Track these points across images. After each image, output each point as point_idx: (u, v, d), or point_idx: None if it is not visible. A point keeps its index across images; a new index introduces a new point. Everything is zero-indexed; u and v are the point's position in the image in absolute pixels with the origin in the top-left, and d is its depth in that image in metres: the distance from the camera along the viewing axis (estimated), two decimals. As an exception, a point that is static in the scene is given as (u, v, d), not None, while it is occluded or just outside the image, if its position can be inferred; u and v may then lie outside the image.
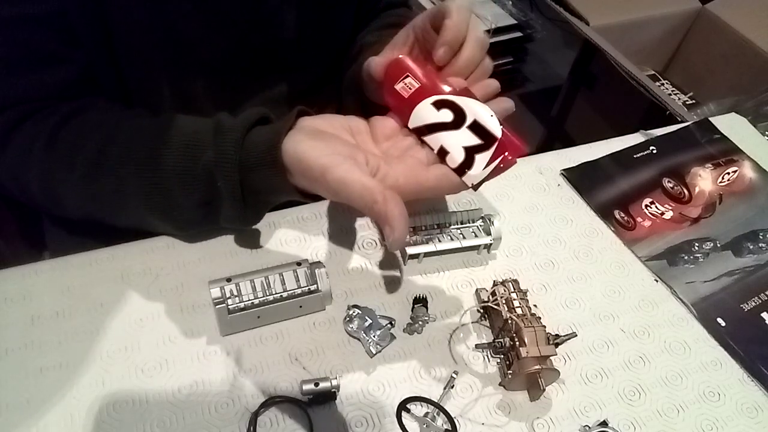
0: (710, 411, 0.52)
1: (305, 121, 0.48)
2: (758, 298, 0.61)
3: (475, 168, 0.43)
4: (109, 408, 0.46)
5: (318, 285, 0.52)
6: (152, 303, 0.53)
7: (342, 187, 0.42)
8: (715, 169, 0.74)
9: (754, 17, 1.56)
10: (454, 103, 0.45)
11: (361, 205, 0.42)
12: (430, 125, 0.45)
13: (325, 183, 0.43)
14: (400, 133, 0.48)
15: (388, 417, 0.48)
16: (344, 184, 0.42)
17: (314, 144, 0.45)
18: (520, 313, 0.51)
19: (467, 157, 0.43)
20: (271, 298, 0.50)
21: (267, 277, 0.51)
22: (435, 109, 0.45)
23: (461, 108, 0.44)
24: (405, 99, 0.46)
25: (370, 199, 0.41)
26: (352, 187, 0.42)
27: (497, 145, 0.43)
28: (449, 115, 0.45)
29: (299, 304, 0.52)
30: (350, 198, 0.42)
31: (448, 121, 0.45)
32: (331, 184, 0.43)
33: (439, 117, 0.45)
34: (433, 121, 0.45)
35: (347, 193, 0.42)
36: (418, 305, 0.54)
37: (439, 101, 0.45)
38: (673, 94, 1.69)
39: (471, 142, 0.44)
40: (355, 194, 0.42)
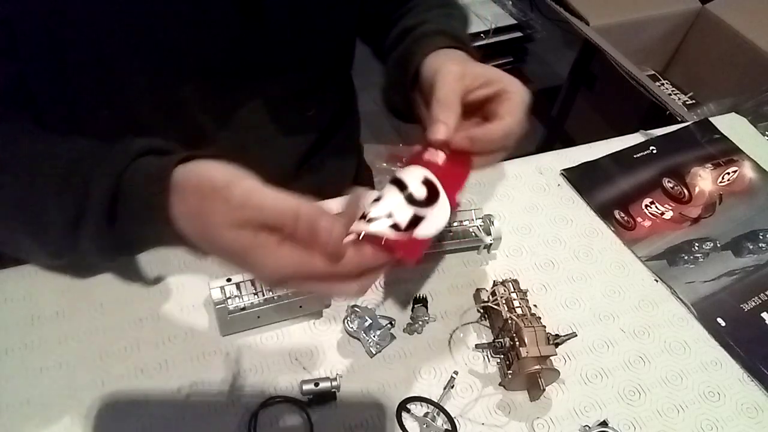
0: (710, 411, 0.52)
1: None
2: (758, 298, 0.61)
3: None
4: (109, 408, 0.46)
5: None
6: (152, 303, 0.53)
7: (250, 195, 0.38)
8: (715, 169, 0.74)
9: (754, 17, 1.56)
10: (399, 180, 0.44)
11: (276, 216, 0.37)
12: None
13: (226, 196, 0.38)
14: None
15: (388, 417, 0.48)
16: (254, 191, 0.38)
17: (220, 162, 0.41)
18: (520, 313, 0.51)
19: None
20: (272, 298, 0.50)
21: None
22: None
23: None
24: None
25: (286, 206, 0.37)
26: (263, 194, 0.38)
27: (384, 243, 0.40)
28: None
29: (299, 304, 0.52)
30: (262, 206, 0.38)
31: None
32: (235, 195, 0.38)
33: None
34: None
35: (258, 201, 0.38)
36: (418, 305, 0.54)
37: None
38: (673, 94, 1.69)
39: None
40: (268, 201, 0.38)
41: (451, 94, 0.49)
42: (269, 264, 0.38)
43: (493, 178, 0.69)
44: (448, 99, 0.49)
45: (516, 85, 0.51)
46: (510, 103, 0.50)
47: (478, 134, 0.48)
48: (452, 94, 0.49)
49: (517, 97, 0.50)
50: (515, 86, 0.51)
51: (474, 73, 0.51)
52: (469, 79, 0.50)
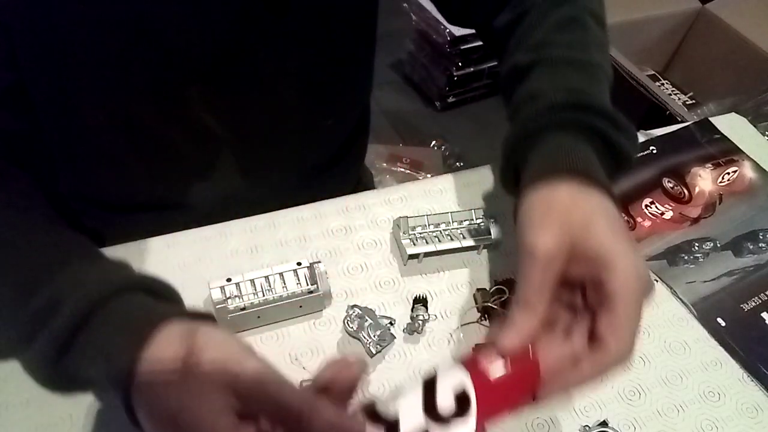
0: (710, 411, 0.52)
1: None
2: (758, 298, 0.61)
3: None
4: (109, 408, 0.46)
5: (318, 285, 0.52)
6: (152, 303, 0.53)
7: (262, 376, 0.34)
8: (715, 169, 0.74)
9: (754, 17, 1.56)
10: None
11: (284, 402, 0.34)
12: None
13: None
14: None
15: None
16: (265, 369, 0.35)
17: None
18: (520, 313, 0.51)
19: None
20: (271, 298, 0.50)
21: (267, 277, 0.51)
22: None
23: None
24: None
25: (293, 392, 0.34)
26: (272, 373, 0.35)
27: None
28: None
29: (299, 304, 0.52)
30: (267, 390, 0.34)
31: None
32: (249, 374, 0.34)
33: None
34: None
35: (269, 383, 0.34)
36: (418, 305, 0.54)
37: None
38: (673, 94, 1.69)
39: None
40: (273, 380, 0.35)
41: (536, 292, 0.39)
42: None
43: (493, 178, 0.69)
44: (530, 297, 0.39)
45: (626, 279, 0.37)
46: (613, 315, 0.37)
47: (563, 379, 0.38)
48: (538, 290, 0.39)
49: (622, 302, 0.37)
50: (624, 282, 0.37)
51: (573, 246, 0.39)
52: (563, 259, 0.39)
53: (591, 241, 0.39)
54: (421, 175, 1.69)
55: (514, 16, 0.58)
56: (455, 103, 2.03)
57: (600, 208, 0.41)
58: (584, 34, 0.54)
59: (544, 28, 0.54)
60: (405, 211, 0.62)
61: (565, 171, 0.42)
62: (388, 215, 0.62)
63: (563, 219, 0.40)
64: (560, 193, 0.41)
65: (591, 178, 0.42)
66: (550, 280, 0.39)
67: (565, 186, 0.41)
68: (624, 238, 0.39)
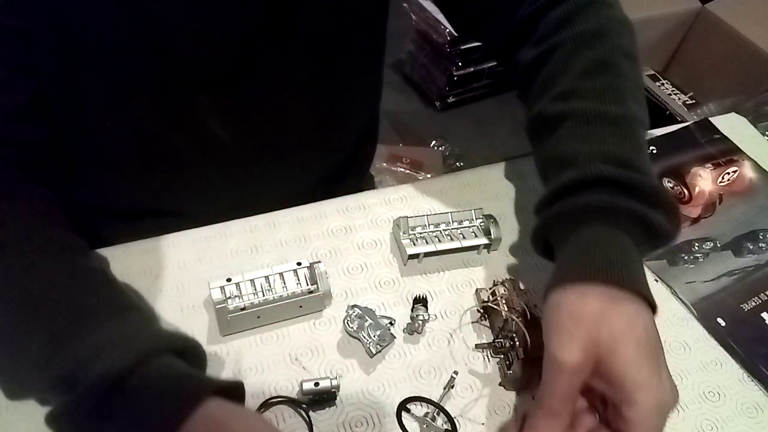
0: (710, 411, 0.52)
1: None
2: (758, 298, 0.61)
3: None
4: (109, 408, 0.46)
5: (318, 285, 0.52)
6: (152, 303, 0.53)
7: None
8: (715, 169, 0.74)
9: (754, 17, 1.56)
10: None
11: None
12: None
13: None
14: None
15: (388, 417, 0.48)
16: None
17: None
18: (520, 313, 0.51)
19: None
20: (271, 298, 0.50)
21: (267, 277, 0.51)
22: None
23: None
24: None
25: None
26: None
27: None
28: None
29: (299, 304, 0.52)
30: None
31: None
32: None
33: None
34: None
35: None
36: (418, 305, 0.54)
37: None
38: (673, 94, 1.69)
39: None
40: None
41: (560, 400, 0.38)
42: None
43: (493, 178, 0.69)
44: (553, 407, 0.38)
45: (645, 415, 0.37)
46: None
47: None
48: (562, 399, 0.38)
49: (641, 423, 0.37)
50: (642, 417, 0.37)
51: (598, 362, 0.38)
52: (589, 371, 0.39)
53: (615, 365, 0.38)
54: (421, 175, 1.69)
55: (538, 53, 0.54)
56: (455, 103, 2.03)
57: (630, 327, 0.39)
58: (617, 80, 0.50)
59: (573, 74, 0.51)
60: (405, 211, 0.62)
61: (597, 273, 0.40)
62: (388, 215, 0.62)
63: (591, 334, 0.38)
64: (591, 301, 0.40)
65: (626, 284, 0.40)
66: (575, 390, 0.38)
67: (596, 293, 0.40)
68: (651, 363, 0.38)
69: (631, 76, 0.51)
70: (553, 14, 0.54)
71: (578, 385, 0.39)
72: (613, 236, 0.43)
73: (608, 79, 0.50)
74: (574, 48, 0.52)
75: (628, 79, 0.51)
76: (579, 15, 0.53)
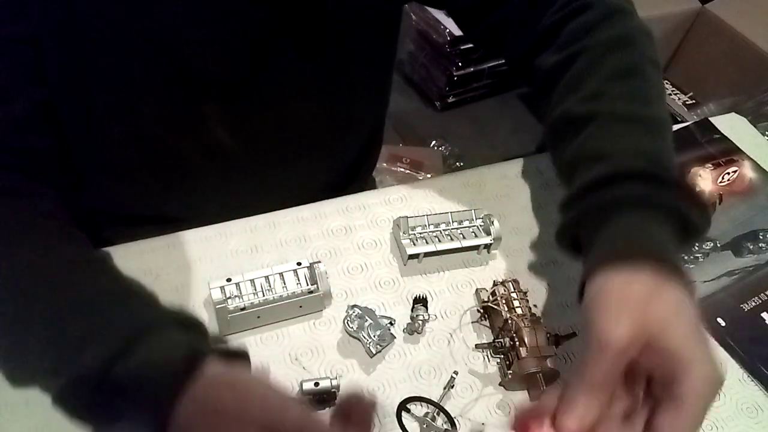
0: (710, 411, 0.51)
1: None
2: (758, 298, 0.61)
3: None
4: (109, 408, 0.46)
5: (318, 285, 0.52)
6: (152, 303, 0.53)
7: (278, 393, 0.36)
8: (715, 169, 0.74)
9: (754, 17, 1.56)
10: None
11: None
12: None
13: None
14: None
15: (388, 417, 0.48)
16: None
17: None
18: (520, 313, 0.51)
19: None
20: (271, 298, 0.50)
21: (267, 277, 0.51)
22: None
23: None
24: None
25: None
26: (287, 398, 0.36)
27: None
28: None
29: (299, 304, 0.52)
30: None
31: None
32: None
33: None
34: None
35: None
36: (418, 305, 0.54)
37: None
38: (673, 94, 1.69)
39: None
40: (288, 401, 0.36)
41: (603, 378, 0.37)
42: None
43: (493, 178, 0.69)
44: (595, 384, 0.37)
45: (698, 384, 0.36)
46: (679, 416, 0.36)
47: None
48: (604, 378, 0.37)
49: (690, 408, 0.36)
50: (694, 387, 0.36)
51: (647, 341, 0.37)
52: (635, 352, 0.37)
53: (670, 342, 0.37)
54: (421, 175, 1.69)
55: (562, 58, 0.54)
56: (455, 103, 2.03)
57: (680, 307, 0.39)
58: (645, 85, 0.51)
59: (601, 77, 0.51)
60: (405, 211, 0.62)
61: (642, 257, 0.40)
62: (388, 215, 0.62)
63: (641, 313, 0.38)
64: (638, 283, 0.39)
65: (669, 268, 0.39)
66: (619, 369, 0.38)
67: (642, 275, 0.39)
68: (702, 340, 0.38)
69: (656, 83, 0.52)
70: (576, 22, 0.54)
71: (623, 364, 0.38)
72: (653, 226, 0.43)
73: (636, 83, 0.51)
74: (601, 53, 0.52)
75: (655, 85, 0.52)
76: (604, 23, 0.54)
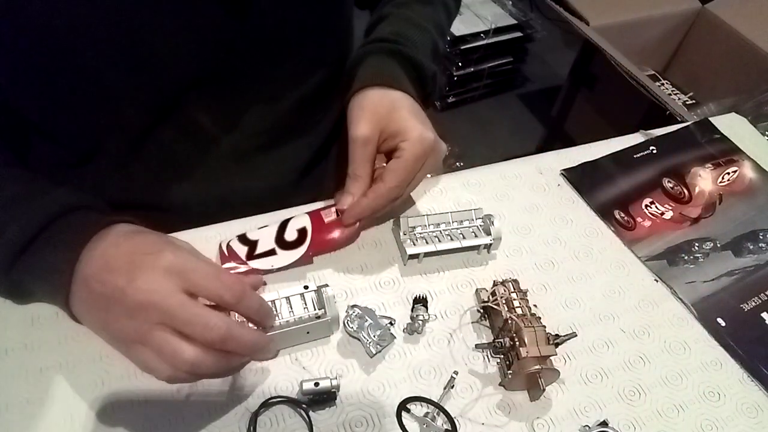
0: (710, 411, 0.52)
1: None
2: (758, 298, 0.61)
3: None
4: (108, 408, 0.46)
5: (326, 310, 0.50)
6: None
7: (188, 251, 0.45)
8: (715, 169, 0.74)
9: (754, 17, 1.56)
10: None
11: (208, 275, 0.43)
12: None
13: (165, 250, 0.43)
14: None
15: (388, 417, 0.48)
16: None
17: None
18: (520, 313, 0.51)
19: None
20: (278, 323, 0.49)
21: (273, 301, 0.50)
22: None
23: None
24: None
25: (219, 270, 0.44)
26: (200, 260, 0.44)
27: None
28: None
29: (306, 330, 0.51)
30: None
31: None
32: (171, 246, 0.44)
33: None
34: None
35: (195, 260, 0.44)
36: (418, 305, 0.54)
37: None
38: (673, 94, 1.69)
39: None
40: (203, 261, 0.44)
41: (360, 166, 0.55)
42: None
43: (493, 178, 0.69)
44: (357, 171, 0.55)
45: (412, 142, 0.54)
46: (396, 163, 0.54)
47: (356, 210, 0.55)
48: (361, 165, 0.55)
49: (406, 155, 0.54)
50: (411, 144, 0.54)
51: (382, 130, 0.55)
52: (376, 140, 0.55)
53: (395, 123, 0.55)
54: (421, 175, 1.69)
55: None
56: (455, 103, 2.03)
57: (400, 101, 0.57)
58: (433, 11, 0.70)
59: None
60: (405, 211, 0.62)
61: (375, 81, 0.58)
62: (388, 215, 0.62)
63: (373, 112, 0.55)
64: (371, 95, 0.57)
65: (393, 85, 0.58)
66: (370, 156, 0.55)
67: (374, 90, 0.57)
68: (419, 118, 0.56)
69: (442, 17, 0.72)
70: None
71: (371, 152, 0.55)
72: (386, 64, 0.61)
73: (427, 9, 0.70)
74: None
75: (439, 17, 0.71)
76: None
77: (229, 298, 0.43)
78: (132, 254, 0.43)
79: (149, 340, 0.41)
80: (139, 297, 0.41)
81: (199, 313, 0.41)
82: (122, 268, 0.42)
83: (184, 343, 0.41)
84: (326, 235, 0.57)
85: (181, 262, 0.43)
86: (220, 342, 0.41)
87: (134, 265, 0.42)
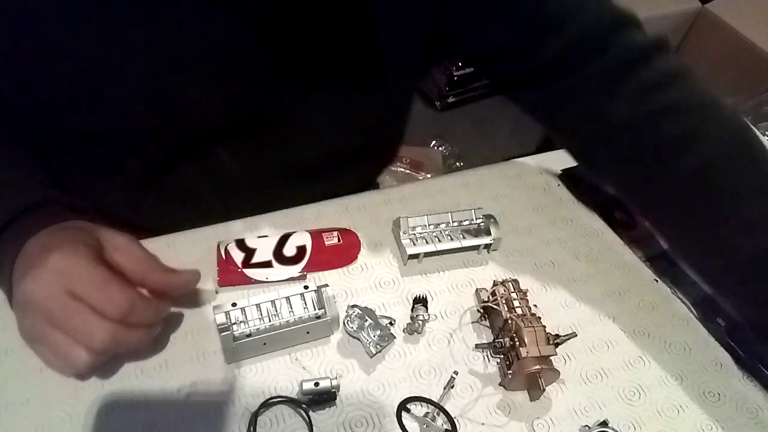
0: (710, 411, 0.52)
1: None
2: (758, 298, 0.61)
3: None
4: (109, 408, 0.46)
5: (326, 310, 0.51)
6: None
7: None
8: (715, 169, 0.74)
9: (754, 17, 1.56)
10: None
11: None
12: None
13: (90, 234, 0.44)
14: None
15: (388, 417, 0.48)
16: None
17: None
18: (520, 313, 0.51)
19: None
20: (278, 323, 0.49)
21: (273, 301, 0.50)
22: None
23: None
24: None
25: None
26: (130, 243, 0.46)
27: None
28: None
29: (306, 330, 0.51)
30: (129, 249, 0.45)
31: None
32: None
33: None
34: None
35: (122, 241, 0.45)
36: (418, 305, 0.54)
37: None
38: (673, 94, 1.68)
39: None
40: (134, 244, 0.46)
41: None
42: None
43: (493, 178, 0.69)
44: None
45: None
46: None
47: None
48: None
49: None
50: None
51: None
52: None
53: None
54: (421, 175, 1.69)
55: (687, 173, 0.55)
56: (455, 103, 2.03)
57: None
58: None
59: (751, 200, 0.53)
60: (405, 211, 0.62)
61: None
62: (388, 215, 0.62)
63: None
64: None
65: None
66: None
67: None
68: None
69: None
70: (670, 120, 0.60)
71: None
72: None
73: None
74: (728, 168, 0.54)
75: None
76: (706, 123, 0.61)
77: (112, 313, 0.41)
78: (38, 251, 0.43)
79: (43, 340, 0.42)
80: (21, 296, 0.41)
81: (80, 319, 0.40)
82: (23, 265, 0.42)
83: (76, 346, 0.41)
84: (324, 257, 0.57)
85: (68, 264, 0.41)
86: (103, 351, 0.41)
87: (29, 264, 0.42)
